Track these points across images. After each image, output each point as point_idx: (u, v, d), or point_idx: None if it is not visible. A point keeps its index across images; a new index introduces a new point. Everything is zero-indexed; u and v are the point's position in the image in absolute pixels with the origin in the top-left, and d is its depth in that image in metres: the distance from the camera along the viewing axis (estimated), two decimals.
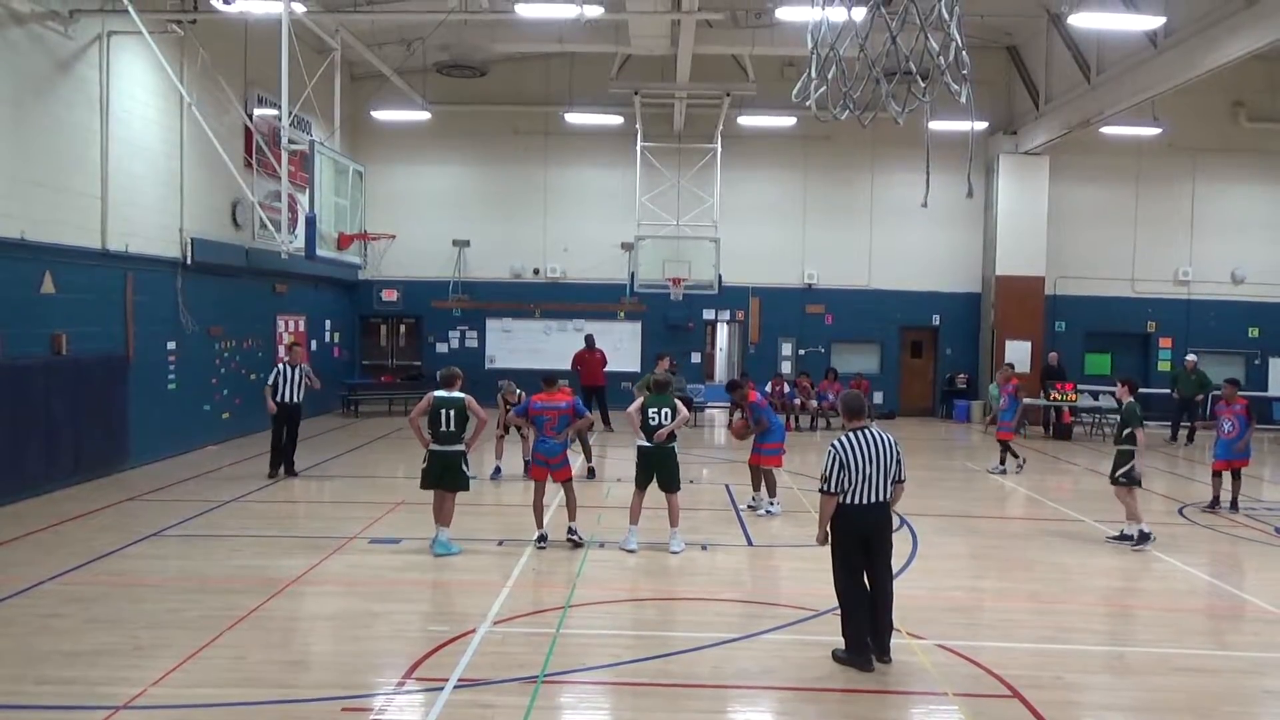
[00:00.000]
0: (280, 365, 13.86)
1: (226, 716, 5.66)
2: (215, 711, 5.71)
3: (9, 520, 10.42)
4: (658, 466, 9.77)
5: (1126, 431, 10.40)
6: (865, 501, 6.57)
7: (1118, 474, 10.40)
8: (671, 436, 9.78)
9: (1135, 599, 8.61)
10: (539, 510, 9.90)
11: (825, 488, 6.64)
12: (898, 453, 6.70)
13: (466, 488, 9.69)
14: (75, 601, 7.70)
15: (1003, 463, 15.35)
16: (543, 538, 9.81)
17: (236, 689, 6.02)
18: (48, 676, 6.17)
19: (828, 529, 6.75)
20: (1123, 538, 10.54)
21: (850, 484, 6.55)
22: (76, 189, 12.79)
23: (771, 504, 11.72)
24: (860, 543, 6.65)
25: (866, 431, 6.68)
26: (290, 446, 13.76)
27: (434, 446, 9.49)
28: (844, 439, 6.65)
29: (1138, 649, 7.24)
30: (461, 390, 9.62)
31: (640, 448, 9.84)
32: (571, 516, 9.91)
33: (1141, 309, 23.42)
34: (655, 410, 9.73)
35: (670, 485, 9.82)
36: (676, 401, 9.95)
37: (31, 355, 11.83)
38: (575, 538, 9.80)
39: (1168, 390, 20.88)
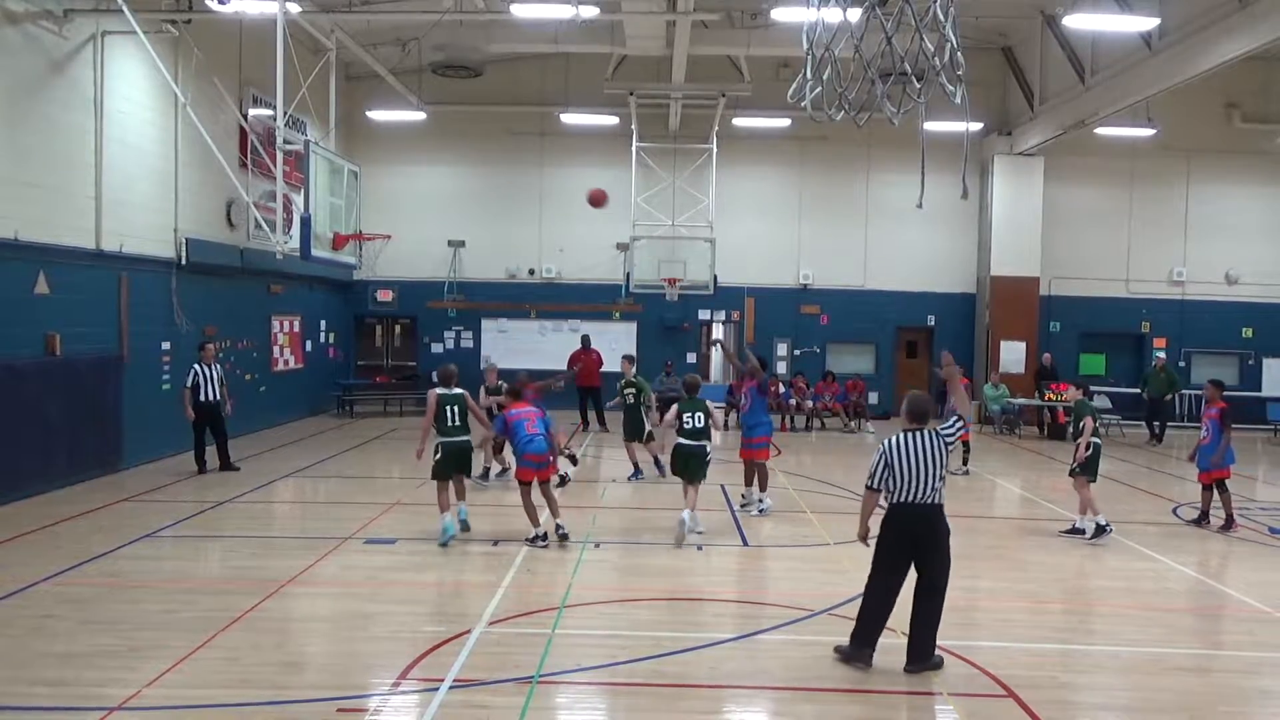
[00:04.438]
0: (197, 366, 13.79)
1: (221, 717, 5.66)
2: (210, 712, 5.70)
3: (3, 521, 10.39)
4: (694, 461, 10.47)
5: (1082, 424, 10.84)
6: (910, 500, 6.58)
7: (1074, 466, 10.84)
8: (705, 435, 10.59)
9: (1130, 599, 8.62)
10: (533, 509, 9.91)
11: (868, 483, 6.75)
12: (945, 456, 6.69)
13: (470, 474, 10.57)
14: (70, 602, 7.69)
15: (965, 462, 15.42)
16: (543, 536, 9.84)
17: (231, 690, 6.01)
18: (42, 678, 6.16)
19: (869, 525, 6.86)
20: (1074, 531, 10.79)
21: (896, 483, 6.59)
22: (71, 189, 12.76)
23: (761, 500, 11.77)
24: (907, 543, 6.63)
25: (920, 434, 6.69)
26: (222, 442, 13.96)
27: (444, 439, 9.98)
28: (894, 438, 6.73)
29: (1132, 649, 7.25)
30: (458, 386, 10.29)
31: (677, 445, 10.52)
32: (555, 514, 10.01)
33: (1136, 309, 23.47)
34: (690, 414, 10.49)
35: (698, 478, 10.55)
36: (707, 404, 10.74)
37: (25, 356, 11.80)
38: (564, 531, 9.90)
39: (1134, 390, 20.96)
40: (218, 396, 13.89)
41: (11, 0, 11.59)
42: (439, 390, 10.10)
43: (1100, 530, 10.59)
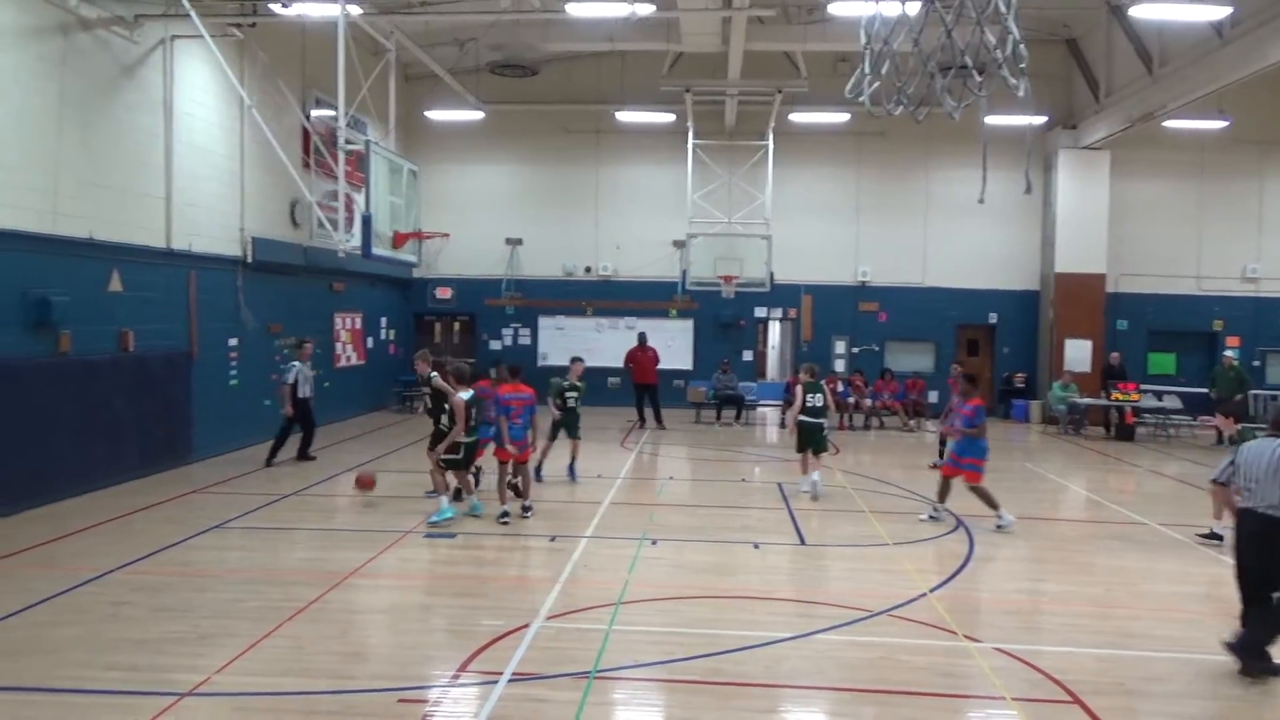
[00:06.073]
0: (297, 364, 14.33)
1: (286, 705, 5.78)
2: (275, 700, 5.84)
3: (79, 511, 10.75)
4: (817, 435, 12.57)
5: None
6: (1255, 507, 6.69)
7: None
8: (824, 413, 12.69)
9: (1201, 605, 8.39)
10: (502, 489, 10.86)
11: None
12: None
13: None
14: (142, 590, 7.93)
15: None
16: (505, 514, 10.65)
17: (296, 678, 6.14)
18: (116, 663, 6.36)
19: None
20: (1211, 536, 10.42)
21: (1244, 485, 6.77)
22: (142, 190, 13.14)
23: (1001, 516, 10.85)
24: (1246, 548, 6.76)
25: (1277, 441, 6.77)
26: (309, 435, 14.72)
27: (467, 439, 10.80)
28: (1250, 443, 6.92)
29: (1205, 656, 7.03)
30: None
31: (801, 422, 12.54)
32: (525, 496, 11.02)
33: (1207, 307, 22.79)
34: (812, 395, 12.56)
35: (821, 448, 12.79)
36: (824, 387, 12.93)
37: (100, 351, 12.19)
38: (528, 515, 10.83)
39: (1204, 390, 20.29)
40: (312, 392, 14.56)
41: (85, 7, 11.95)
42: (464, 396, 10.68)
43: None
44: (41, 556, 8.97)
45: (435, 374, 11.11)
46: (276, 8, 14.21)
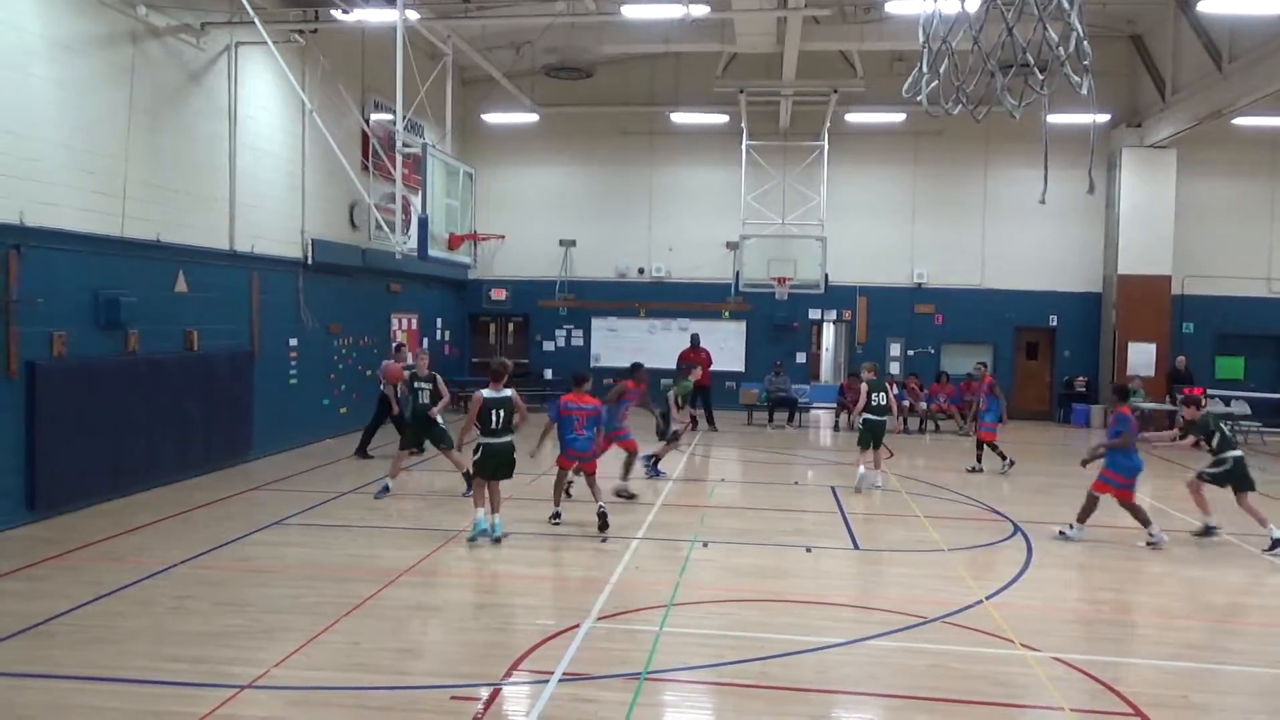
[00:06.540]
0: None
1: (343, 699, 5.88)
2: (333, 694, 5.94)
3: (146, 507, 11.06)
4: (879, 431, 13.33)
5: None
6: None
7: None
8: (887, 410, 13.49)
9: (1270, 617, 8.13)
10: (559, 492, 10.82)
11: None
12: None
13: (511, 475, 10.03)
14: (205, 584, 8.12)
15: (979, 461, 15.15)
16: (557, 515, 10.68)
17: (352, 673, 6.24)
18: (180, 654, 6.52)
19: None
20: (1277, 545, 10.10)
21: None
22: (207, 193, 13.48)
23: (1073, 527, 10.59)
24: None
25: None
26: (370, 433, 15.37)
27: (487, 440, 9.71)
28: None
29: (1272, 671, 6.82)
30: (508, 387, 9.95)
31: (866, 420, 13.31)
32: (597, 499, 10.42)
33: (1279, 310, 22.07)
34: (877, 394, 13.28)
35: (880, 444, 13.51)
36: (887, 385, 13.72)
37: (166, 350, 12.51)
38: (604, 510, 10.28)
39: (1276, 395, 19.61)
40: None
41: (154, 16, 12.28)
42: (485, 393, 9.70)
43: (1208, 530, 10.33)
44: (110, 550, 9.25)
45: (439, 376, 12.43)
46: (337, 14, 14.48)
